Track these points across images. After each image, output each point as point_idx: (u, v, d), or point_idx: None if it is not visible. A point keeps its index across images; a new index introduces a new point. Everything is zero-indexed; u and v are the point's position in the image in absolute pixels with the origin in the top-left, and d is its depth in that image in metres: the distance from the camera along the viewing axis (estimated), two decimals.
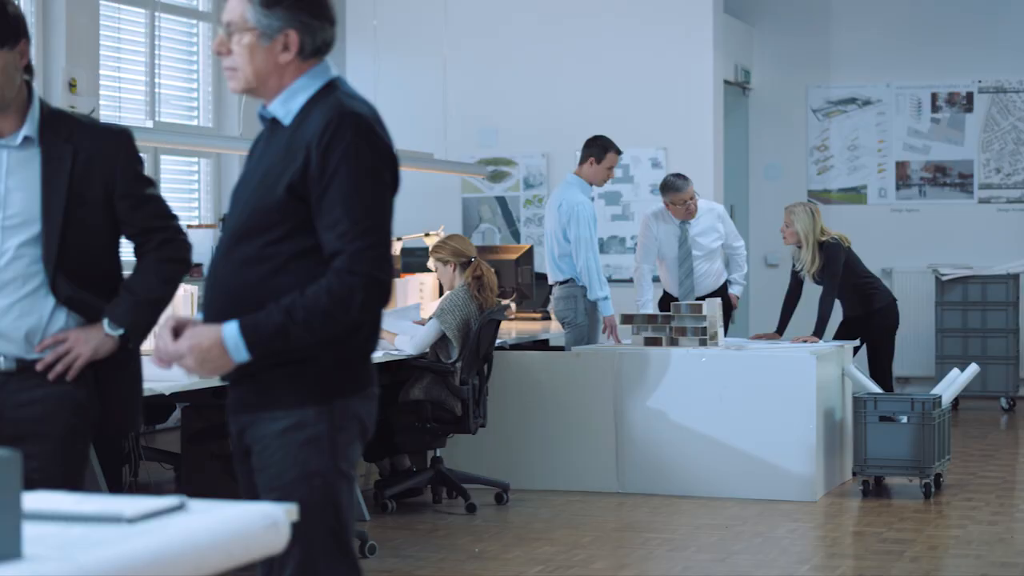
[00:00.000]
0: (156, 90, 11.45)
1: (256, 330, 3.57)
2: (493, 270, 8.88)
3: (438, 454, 8.79)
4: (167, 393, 6.41)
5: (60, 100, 9.95)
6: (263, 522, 3.06)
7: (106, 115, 10.57)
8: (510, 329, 10.41)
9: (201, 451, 8.15)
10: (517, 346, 9.86)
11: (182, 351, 3.61)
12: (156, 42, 11.47)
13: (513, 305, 10.69)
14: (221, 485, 7.05)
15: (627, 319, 9.50)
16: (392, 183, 3.69)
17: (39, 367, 4.12)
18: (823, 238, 9.94)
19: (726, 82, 13.34)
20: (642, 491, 9.06)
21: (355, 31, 13.22)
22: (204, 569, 2.80)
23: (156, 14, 11.45)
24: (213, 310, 3.71)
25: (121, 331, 4.17)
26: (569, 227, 9.72)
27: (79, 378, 4.14)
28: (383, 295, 3.63)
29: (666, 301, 10.51)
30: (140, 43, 11.34)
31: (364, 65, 12.93)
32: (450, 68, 12.75)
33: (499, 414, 9.16)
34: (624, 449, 9.14)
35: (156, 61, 11.46)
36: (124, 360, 4.23)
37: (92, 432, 4.22)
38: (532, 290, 11.26)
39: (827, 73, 14.31)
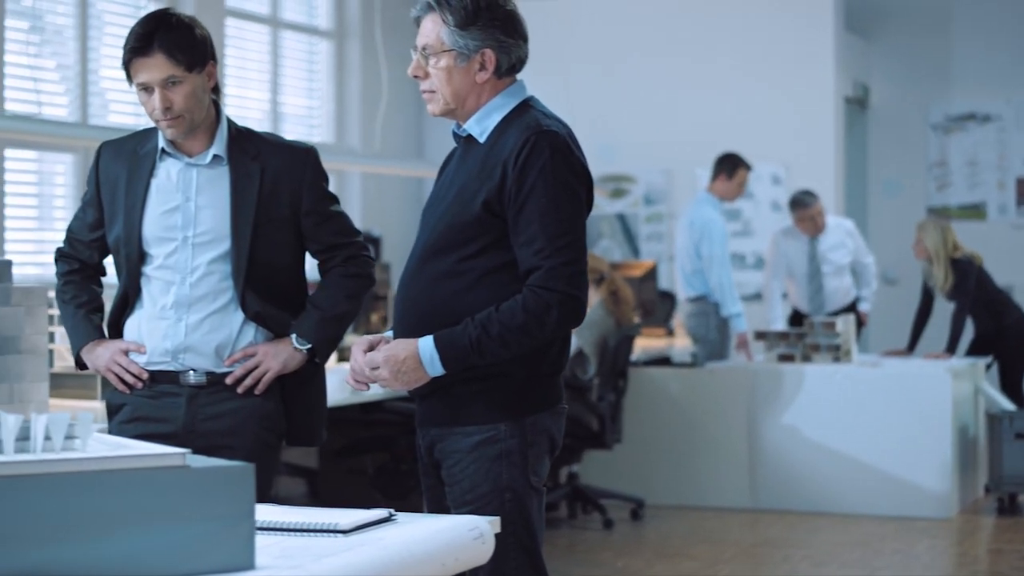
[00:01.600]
0: (278, 108, 11.54)
1: (451, 344, 3.61)
2: (628, 285, 8.90)
3: (574, 469, 8.81)
4: None
5: None
6: (471, 534, 3.12)
7: None
8: (635, 345, 10.42)
9: (339, 466, 8.21)
10: (645, 363, 9.88)
11: (377, 361, 3.66)
12: (278, 59, 11.57)
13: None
14: (357, 501, 7.07)
15: (760, 336, 9.52)
16: (587, 201, 3.74)
17: (229, 380, 4.18)
18: (955, 255, 9.88)
19: (845, 99, 13.29)
20: (776, 507, 9.05)
21: None
22: None
23: (278, 31, 11.55)
24: (405, 325, 3.74)
25: (308, 346, 4.23)
26: (702, 244, 9.74)
27: (267, 391, 4.21)
28: (578, 312, 3.66)
29: (795, 318, 10.51)
30: (263, 60, 11.44)
31: None
32: (571, 84, 12.78)
33: (632, 429, 9.18)
34: (758, 465, 9.14)
35: (278, 79, 11.56)
36: (310, 374, 4.29)
37: (280, 444, 4.29)
38: (655, 306, 11.27)
39: (946, 89, 14.21)
